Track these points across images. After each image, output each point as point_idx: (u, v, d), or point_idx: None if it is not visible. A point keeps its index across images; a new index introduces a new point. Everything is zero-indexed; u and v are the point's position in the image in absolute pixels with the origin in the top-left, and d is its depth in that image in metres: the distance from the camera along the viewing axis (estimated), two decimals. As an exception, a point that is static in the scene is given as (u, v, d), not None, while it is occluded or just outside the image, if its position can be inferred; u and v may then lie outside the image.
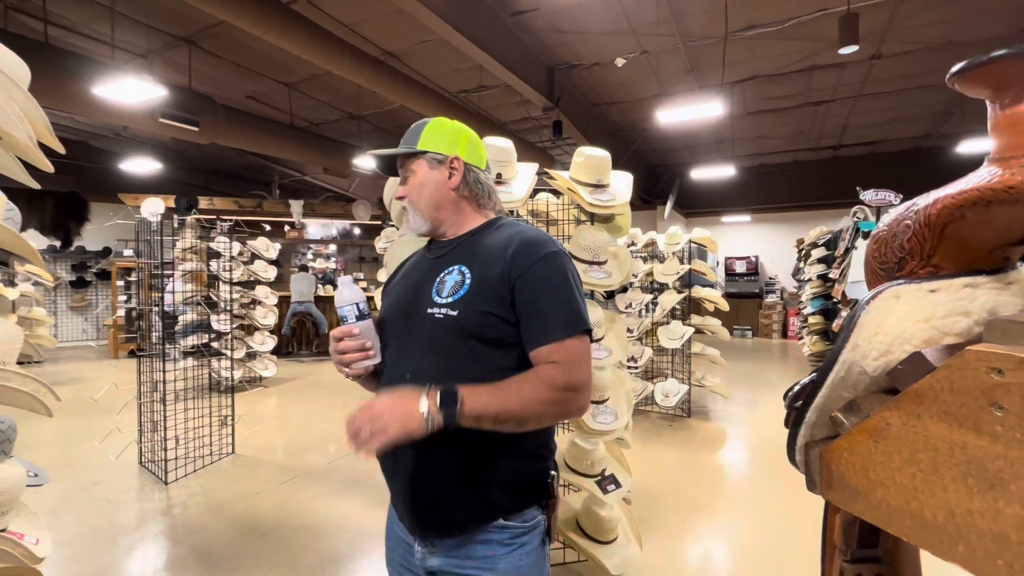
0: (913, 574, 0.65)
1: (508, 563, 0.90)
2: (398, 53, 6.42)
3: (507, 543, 0.90)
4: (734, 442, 4.34)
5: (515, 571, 0.90)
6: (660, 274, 4.85)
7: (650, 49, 6.14)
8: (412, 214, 1.01)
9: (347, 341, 0.93)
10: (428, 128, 1.01)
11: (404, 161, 1.02)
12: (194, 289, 5.53)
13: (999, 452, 0.35)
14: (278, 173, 11.58)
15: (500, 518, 0.90)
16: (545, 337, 0.87)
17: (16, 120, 1.03)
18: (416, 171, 1.00)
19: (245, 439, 4.03)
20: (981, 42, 5.85)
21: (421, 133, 1.01)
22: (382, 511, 2.90)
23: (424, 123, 1.02)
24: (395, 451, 0.94)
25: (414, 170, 1.01)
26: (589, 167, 2.05)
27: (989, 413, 0.36)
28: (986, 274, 0.43)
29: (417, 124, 1.03)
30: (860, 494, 0.45)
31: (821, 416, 0.49)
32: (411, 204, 1.01)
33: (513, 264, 0.90)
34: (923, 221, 0.44)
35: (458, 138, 1.02)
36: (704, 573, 2.43)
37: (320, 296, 8.79)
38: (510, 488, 0.91)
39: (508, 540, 0.91)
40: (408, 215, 1.02)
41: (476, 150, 1.05)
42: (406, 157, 1.02)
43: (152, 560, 2.41)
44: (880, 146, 9.99)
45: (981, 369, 0.36)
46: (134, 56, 6.47)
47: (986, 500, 0.36)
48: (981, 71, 0.40)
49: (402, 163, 1.03)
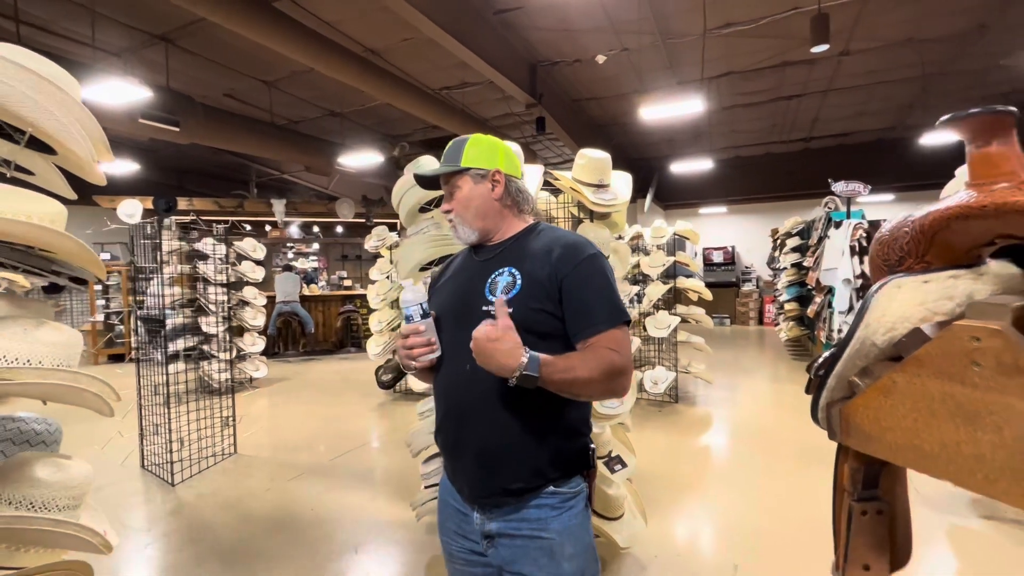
0: (903, 507, 0.80)
1: (559, 524, 1.03)
2: (380, 51, 6.42)
3: (557, 507, 1.04)
4: (719, 425, 4.56)
5: (566, 531, 1.03)
6: (647, 266, 5.03)
7: (630, 46, 6.29)
8: (461, 226, 1.11)
9: (414, 338, 1.04)
10: (469, 145, 1.11)
11: (449, 178, 1.12)
12: (180, 292, 5.49)
13: (977, 397, 0.49)
14: (255, 172, 11.39)
15: (551, 486, 1.03)
16: (592, 329, 1.00)
17: (79, 137, 1.10)
18: (462, 187, 1.11)
19: (245, 439, 4.06)
20: (939, 39, 6.17)
21: (463, 150, 1.11)
22: (394, 503, 3.00)
23: (464, 140, 1.12)
24: (457, 434, 1.07)
25: (460, 186, 1.11)
26: (592, 168, 2.18)
27: (970, 369, 0.49)
28: (965, 268, 0.57)
29: (457, 142, 1.13)
30: (873, 438, 0.59)
31: (840, 381, 0.63)
32: (459, 217, 1.11)
33: (559, 266, 1.02)
34: (919, 229, 0.57)
35: (496, 152, 1.13)
36: (699, 542, 2.61)
37: (305, 296, 8.76)
38: (557, 460, 1.04)
39: (558, 504, 1.04)
40: (457, 227, 1.12)
41: (512, 161, 1.15)
42: (451, 174, 1.11)
43: (173, 557, 2.46)
44: (848, 138, 10.39)
45: (964, 338, 0.50)
46: (108, 55, 6.32)
47: (968, 432, 0.50)
48: (962, 122, 0.54)
49: (447, 180, 1.13)
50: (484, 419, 1.03)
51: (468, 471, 1.07)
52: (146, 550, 2.53)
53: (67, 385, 1.10)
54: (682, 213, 12.82)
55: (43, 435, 1.39)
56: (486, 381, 1.01)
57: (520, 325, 0.98)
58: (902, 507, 0.81)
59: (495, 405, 1.02)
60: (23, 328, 1.11)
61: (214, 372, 5.23)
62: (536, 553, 1.03)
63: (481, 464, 1.04)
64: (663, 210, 12.78)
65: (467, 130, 8.04)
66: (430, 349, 1.05)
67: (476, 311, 1.04)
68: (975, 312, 0.50)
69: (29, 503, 1.08)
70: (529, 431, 1.02)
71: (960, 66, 6.93)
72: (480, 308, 1.04)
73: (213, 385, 5.13)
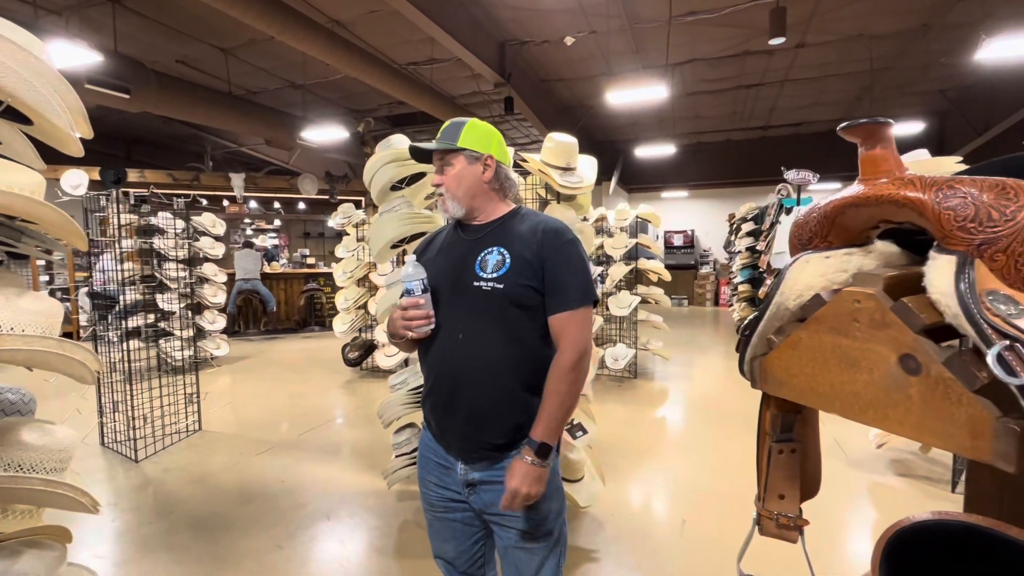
0: (814, 449, 0.95)
1: None
2: (345, 22, 6.25)
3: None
4: (674, 398, 4.84)
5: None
6: (610, 247, 5.21)
7: (599, 29, 6.35)
8: (450, 201, 1.20)
9: (414, 311, 1.14)
10: (467, 128, 1.20)
11: (444, 155, 1.20)
12: (132, 268, 5.29)
13: (856, 346, 0.63)
14: (211, 144, 10.90)
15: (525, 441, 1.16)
16: (564, 304, 1.14)
17: (59, 109, 1.11)
18: (455, 164, 1.20)
19: (210, 416, 4.04)
20: (887, 35, 6.52)
21: (461, 131, 1.19)
22: (363, 473, 3.10)
23: (462, 123, 1.20)
24: (449, 397, 1.17)
25: (452, 163, 1.20)
26: (559, 152, 2.27)
27: (852, 325, 0.63)
28: (858, 247, 0.70)
29: (455, 122, 1.21)
30: (784, 384, 0.73)
31: (760, 339, 0.76)
32: (449, 192, 1.20)
33: (543, 248, 1.15)
34: (823, 214, 0.70)
35: (491, 139, 1.22)
36: (652, 502, 2.83)
37: (266, 273, 8.56)
38: (533, 418, 1.16)
39: None
40: (446, 201, 1.20)
41: (503, 149, 1.26)
42: (446, 151, 1.20)
43: (145, 529, 2.48)
44: (803, 127, 10.85)
45: (848, 301, 0.63)
46: (48, 13, 5.90)
47: (850, 374, 0.64)
48: (854, 129, 0.67)
49: (441, 156, 1.21)
50: (474, 384, 1.15)
51: (458, 429, 1.19)
52: (114, 523, 2.53)
53: (53, 352, 1.13)
54: (645, 196, 13.11)
55: (18, 404, 1.41)
56: (476, 350, 1.15)
57: (508, 299, 1.12)
58: (813, 449, 0.97)
59: (483, 372, 1.15)
60: (5, 296, 1.13)
61: (173, 350, 5.11)
62: None
63: (471, 423, 1.17)
64: (627, 193, 13.03)
65: (434, 107, 7.99)
66: (428, 321, 1.15)
67: (468, 286, 1.16)
68: (858, 281, 0.63)
69: (18, 465, 1.11)
70: (511, 394, 1.15)
71: (905, 62, 7.34)
72: (472, 283, 1.15)
73: (173, 363, 5.02)
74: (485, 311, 1.14)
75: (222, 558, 2.24)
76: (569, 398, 1.15)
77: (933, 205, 0.57)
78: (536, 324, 1.16)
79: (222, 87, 7.76)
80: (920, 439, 0.57)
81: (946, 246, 0.57)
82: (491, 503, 1.20)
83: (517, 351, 1.16)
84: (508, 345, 1.15)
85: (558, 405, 1.13)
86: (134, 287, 5.12)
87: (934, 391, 0.54)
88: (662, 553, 2.30)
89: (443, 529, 1.30)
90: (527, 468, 1.11)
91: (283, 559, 2.24)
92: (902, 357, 0.57)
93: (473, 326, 1.15)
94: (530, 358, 1.17)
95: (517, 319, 1.14)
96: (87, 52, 4.56)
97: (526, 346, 1.17)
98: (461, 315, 1.16)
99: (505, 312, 1.14)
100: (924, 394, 0.55)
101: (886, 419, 0.59)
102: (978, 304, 0.51)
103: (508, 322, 1.14)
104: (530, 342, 1.17)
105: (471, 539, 1.30)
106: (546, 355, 1.19)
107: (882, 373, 0.59)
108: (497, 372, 1.15)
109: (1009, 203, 0.54)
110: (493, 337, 1.14)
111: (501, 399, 1.16)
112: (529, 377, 1.17)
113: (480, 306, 1.14)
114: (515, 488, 1.11)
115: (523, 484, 1.11)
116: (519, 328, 1.15)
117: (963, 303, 0.52)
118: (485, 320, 1.14)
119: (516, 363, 1.16)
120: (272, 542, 2.36)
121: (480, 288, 1.14)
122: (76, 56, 4.55)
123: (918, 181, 0.60)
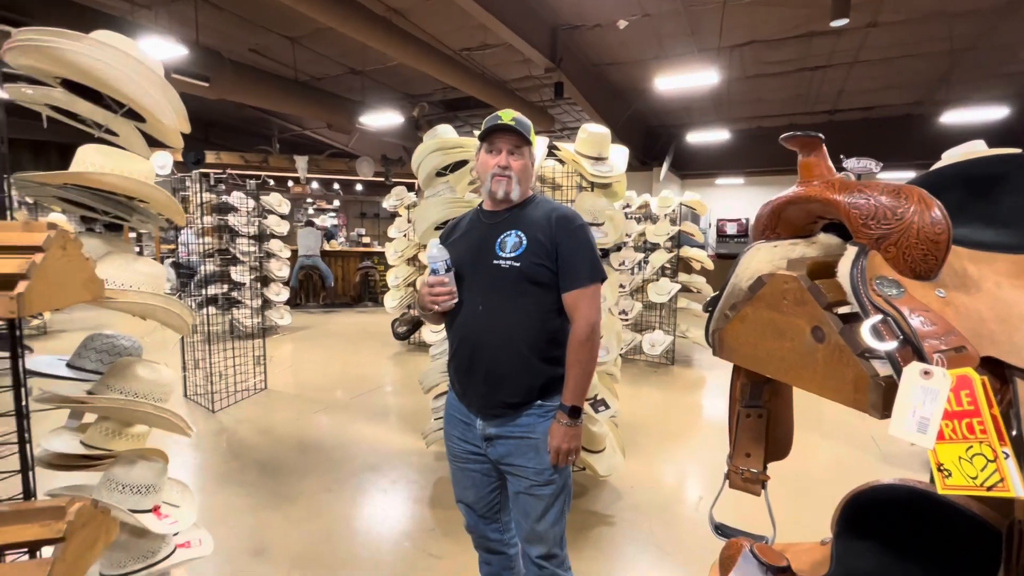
0: (784, 414, 1.08)
1: (543, 428, 1.37)
2: (402, 10, 6.49)
3: (542, 416, 1.37)
4: (711, 386, 4.86)
5: (547, 433, 1.36)
6: (652, 234, 5.24)
7: (652, 12, 6.26)
8: (515, 184, 1.36)
9: (439, 288, 1.34)
10: (532, 128, 1.40)
11: (519, 143, 1.37)
12: (209, 242, 5.85)
13: (784, 320, 0.76)
14: (277, 127, 11.60)
15: (538, 400, 1.37)
16: (576, 283, 1.33)
17: (168, 111, 1.37)
18: (524, 155, 1.38)
19: (273, 378, 4.49)
20: (970, 12, 6.02)
21: (530, 130, 1.38)
22: (406, 434, 3.39)
23: (527, 122, 1.39)
24: (470, 360, 1.37)
25: (523, 154, 1.38)
26: (592, 142, 2.39)
27: (782, 302, 0.76)
28: (802, 238, 0.83)
29: (521, 120, 1.37)
30: (735, 351, 0.87)
31: (720, 314, 0.90)
32: (517, 177, 1.36)
33: (556, 231, 1.34)
34: (771, 209, 0.83)
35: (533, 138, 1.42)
36: (672, 478, 2.96)
37: (326, 251, 9.13)
38: (544, 382, 1.36)
39: (542, 414, 1.37)
40: (511, 183, 1.35)
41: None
42: (523, 141, 1.37)
43: (222, 466, 2.89)
44: (875, 111, 10.17)
45: (780, 282, 0.76)
46: (139, 7, 6.50)
47: (779, 343, 0.77)
48: (792, 140, 0.79)
49: (517, 143, 1.37)
50: (492, 348, 1.35)
51: (477, 388, 1.39)
52: (196, 460, 2.96)
53: (160, 306, 1.42)
54: (698, 183, 12.76)
55: (130, 348, 1.73)
56: (494, 321, 1.34)
57: (524, 276, 1.32)
58: (784, 417, 1.09)
59: (500, 339, 1.35)
60: (125, 261, 1.43)
61: (243, 318, 5.66)
62: (525, 448, 1.37)
63: (488, 383, 1.36)
64: (680, 179, 12.73)
65: (486, 92, 8.15)
66: (451, 296, 1.35)
67: (488, 264, 1.35)
68: (789, 266, 0.76)
69: (135, 393, 1.42)
70: (524, 359, 1.34)
71: (991, 41, 6.75)
72: (492, 262, 1.35)
73: (242, 329, 5.56)
74: (503, 286, 1.33)
75: (283, 495, 2.59)
76: (589, 365, 1.34)
77: (845, 205, 0.69)
78: (548, 299, 1.34)
79: (289, 74, 8.26)
80: (823, 395, 0.70)
81: (855, 239, 0.69)
82: (506, 455, 1.39)
83: (530, 321, 1.34)
84: (522, 316, 1.34)
85: (581, 373, 1.33)
86: (211, 259, 5.68)
87: (833, 355, 0.67)
88: (676, 525, 2.44)
89: (464, 478, 1.51)
90: (564, 429, 1.32)
91: (333, 499, 2.56)
92: (813, 328, 0.70)
93: (492, 299, 1.34)
94: (541, 328, 1.35)
95: (531, 294, 1.33)
96: (175, 46, 5.04)
97: (538, 318, 1.35)
98: (482, 290, 1.35)
99: (521, 287, 1.32)
100: (826, 358, 0.68)
101: (800, 379, 0.73)
102: (866, 286, 0.64)
103: (523, 296, 1.33)
104: (541, 314, 1.35)
105: (488, 487, 1.50)
106: (555, 326, 1.37)
107: (800, 341, 0.72)
108: (512, 339, 1.34)
109: (900, 205, 0.65)
110: (509, 309, 1.33)
111: (515, 362, 1.34)
112: (540, 345, 1.35)
113: (499, 282, 1.33)
114: (557, 446, 1.33)
115: (563, 442, 1.32)
116: (532, 302, 1.33)
117: (853, 284, 0.64)
118: (503, 294, 1.33)
119: (528, 332, 1.34)
120: (324, 486, 2.69)
121: (499, 266, 1.33)
122: (166, 50, 5.04)
123: (838, 184, 0.71)
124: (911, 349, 0.60)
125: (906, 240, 0.65)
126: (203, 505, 2.45)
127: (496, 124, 1.36)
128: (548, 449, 1.34)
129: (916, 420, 0.57)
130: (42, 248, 1.06)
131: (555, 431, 1.33)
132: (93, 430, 1.47)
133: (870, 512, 1.05)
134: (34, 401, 1.34)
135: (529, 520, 1.40)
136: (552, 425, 1.34)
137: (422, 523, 2.39)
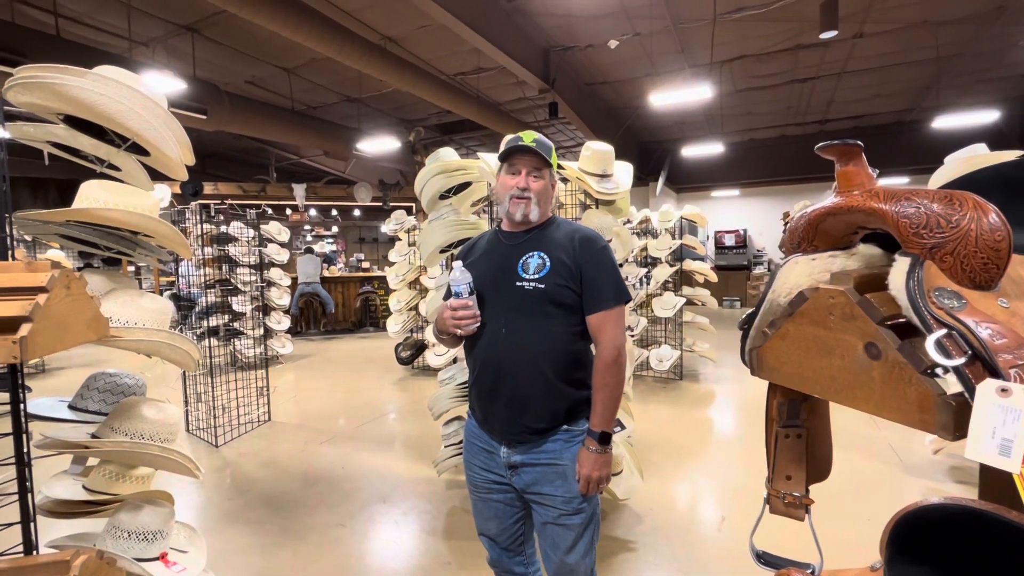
0: (823, 434, 1.03)
1: (570, 454, 1.31)
2: (397, 38, 6.59)
3: (568, 441, 1.32)
4: (721, 400, 4.79)
5: (575, 459, 1.31)
6: (654, 249, 5.22)
7: (642, 31, 6.37)
8: (534, 206, 1.33)
9: (463, 311, 1.30)
10: (553, 149, 1.38)
11: (540, 164, 1.35)
12: (209, 273, 5.82)
13: (832, 336, 0.72)
14: (275, 156, 11.69)
15: (564, 425, 1.32)
16: (601, 305, 1.29)
17: (172, 144, 1.35)
18: (545, 178, 1.36)
19: (277, 409, 4.40)
20: (955, 20, 6.14)
21: (551, 152, 1.36)
22: (416, 463, 3.30)
23: (548, 144, 1.37)
24: (493, 384, 1.32)
25: (544, 176, 1.35)
26: (596, 160, 2.39)
27: (828, 318, 0.72)
28: (841, 249, 0.79)
29: (546, 141, 1.36)
30: (776, 370, 0.83)
31: (757, 331, 0.86)
32: (537, 199, 1.34)
33: (579, 253, 1.30)
34: (808, 221, 0.80)
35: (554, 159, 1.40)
36: (692, 498, 2.87)
37: (325, 277, 9.10)
38: (569, 406, 1.31)
39: (569, 439, 1.32)
40: (531, 205, 1.33)
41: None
42: (543, 163, 1.35)
43: (227, 504, 2.80)
44: (865, 120, 10.31)
45: (825, 297, 0.72)
46: (136, 44, 6.59)
47: (827, 360, 0.73)
48: (830, 149, 0.76)
49: (537, 165, 1.34)
50: (516, 372, 1.30)
51: (500, 414, 1.33)
52: (200, 498, 2.87)
53: (167, 343, 1.37)
54: (694, 196, 12.84)
55: (134, 387, 1.67)
56: (517, 343, 1.30)
57: (548, 298, 1.28)
58: (823, 435, 1.05)
59: (525, 362, 1.30)
60: (130, 297, 1.39)
61: (245, 348, 5.59)
62: (552, 476, 1.32)
63: (512, 407, 1.31)
64: (675, 193, 12.82)
65: (481, 115, 8.24)
66: (475, 320, 1.31)
67: (511, 285, 1.31)
68: (833, 279, 0.72)
69: (139, 434, 1.36)
70: (549, 383, 1.29)
71: (977, 48, 6.87)
72: (515, 284, 1.31)
73: (244, 360, 5.49)
74: (526, 308, 1.29)
75: (292, 532, 2.50)
76: (617, 388, 1.29)
77: (893, 214, 0.66)
78: (571, 320, 1.30)
79: (285, 104, 8.35)
80: (881, 415, 0.66)
81: (905, 249, 0.66)
82: (533, 483, 1.33)
83: (554, 344, 1.29)
84: (546, 338, 1.29)
85: (609, 397, 1.29)
86: (211, 290, 5.64)
87: (891, 373, 0.63)
88: (699, 547, 2.35)
89: (486, 509, 1.44)
90: (594, 456, 1.27)
91: (345, 535, 2.47)
92: (866, 345, 0.66)
93: (515, 321, 1.30)
94: (565, 350, 1.30)
95: (555, 316, 1.28)
96: (173, 80, 5.09)
97: (562, 339, 1.30)
98: (504, 312, 1.31)
99: (544, 309, 1.28)
100: (883, 376, 0.64)
101: (855, 399, 0.68)
102: (924, 299, 0.60)
103: (547, 318, 1.29)
104: (565, 336, 1.30)
105: (512, 518, 1.44)
106: (579, 348, 1.32)
107: (851, 359, 0.69)
108: (535, 362, 1.29)
109: (954, 212, 0.62)
110: (533, 331, 1.28)
111: (539, 386, 1.29)
112: (564, 367, 1.30)
113: (522, 304, 1.29)
114: (587, 474, 1.27)
115: (593, 470, 1.27)
116: (556, 324, 1.29)
117: (911, 297, 0.61)
118: (526, 316, 1.29)
119: (553, 354, 1.29)
120: (335, 520, 2.60)
121: (523, 288, 1.29)
122: (163, 84, 5.08)
123: (882, 193, 0.68)
124: (982, 364, 0.56)
125: (964, 248, 0.61)
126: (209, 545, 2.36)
127: (517, 145, 1.33)
128: (577, 477, 1.29)
129: (997, 442, 0.53)
130: (45, 288, 1.02)
131: (584, 459, 1.28)
132: (96, 473, 1.42)
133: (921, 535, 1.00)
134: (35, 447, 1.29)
135: (559, 552, 1.34)
136: (581, 452, 1.29)
137: (437, 557, 2.30)
